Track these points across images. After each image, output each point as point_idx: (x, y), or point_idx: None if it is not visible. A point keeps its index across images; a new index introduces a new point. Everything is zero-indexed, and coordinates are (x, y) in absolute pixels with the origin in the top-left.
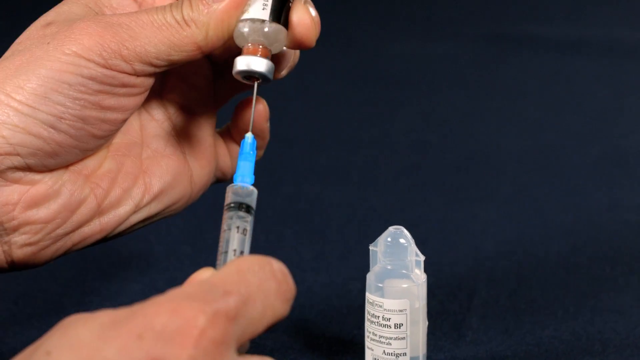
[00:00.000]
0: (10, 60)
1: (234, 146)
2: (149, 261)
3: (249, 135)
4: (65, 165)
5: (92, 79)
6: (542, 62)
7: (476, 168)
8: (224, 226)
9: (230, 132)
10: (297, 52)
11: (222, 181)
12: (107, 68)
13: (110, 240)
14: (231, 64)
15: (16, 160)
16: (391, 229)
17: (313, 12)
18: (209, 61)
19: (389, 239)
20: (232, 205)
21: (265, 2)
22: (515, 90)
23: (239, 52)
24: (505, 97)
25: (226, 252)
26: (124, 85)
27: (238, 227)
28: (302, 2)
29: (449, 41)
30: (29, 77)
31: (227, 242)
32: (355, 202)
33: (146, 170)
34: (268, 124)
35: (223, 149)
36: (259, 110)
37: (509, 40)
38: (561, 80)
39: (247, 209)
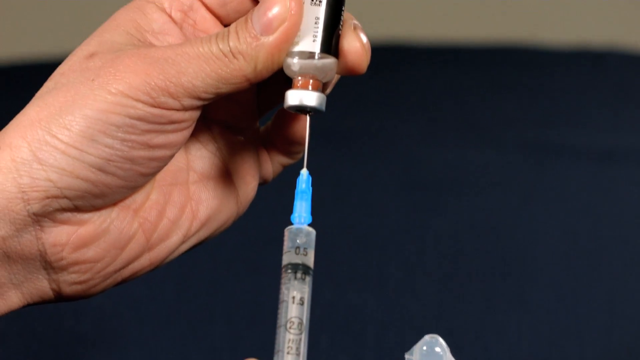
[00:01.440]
0: (53, 96)
1: (275, 151)
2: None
3: (304, 172)
4: (113, 203)
5: (139, 119)
6: (579, 170)
7: (512, 274)
8: (281, 295)
9: (272, 138)
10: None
11: (263, 184)
12: (154, 106)
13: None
14: (277, 75)
15: (64, 203)
16: (427, 337)
17: (364, 38)
18: None
19: (425, 348)
20: (289, 268)
21: (315, 33)
22: (552, 198)
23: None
24: (543, 204)
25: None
26: (172, 122)
27: (294, 298)
28: (352, 28)
29: (488, 148)
30: (75, 117)
31: (284, 315)
32: (392, 309)
33: (192, 197)
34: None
35: (264, 155)
36: (298, 119)
37: (547, 148)
38: (598, 189)
39: (305, 270)
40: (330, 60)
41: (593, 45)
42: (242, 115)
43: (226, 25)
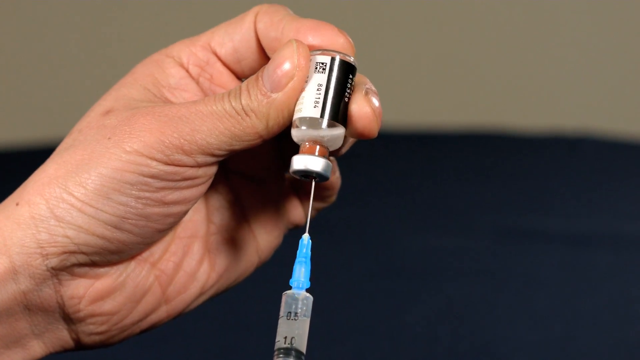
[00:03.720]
0: (71, 154)
1: (306, 196)
2: None
3: (305, 237)
4: (130, 257)
5: (153, 177)
6: (554, 255)
7: None
8: None
9: (302, 183)
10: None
11: (295, 229)
12: (169, 164)
13: None
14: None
15: (81, 258)
16: None
17: (375, 102)
18: None
19: None
20: (281, 352)
21: (319, 100)
22: (527, 282)
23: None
24: (516, 289)
25: None
26: (186, 179)
27: None
28: (364, 93)
29: (463, 234)
30: (90, 175)
31: None
32: None
33: (211, 249)
34: (336, 175)
35: (294, 201)
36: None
37: (521, 233)
38: (571, 273)
39: (297, 355)
40: (336, 127)
41: (566, 131)
42: (262, 165)
43: (241, 79)
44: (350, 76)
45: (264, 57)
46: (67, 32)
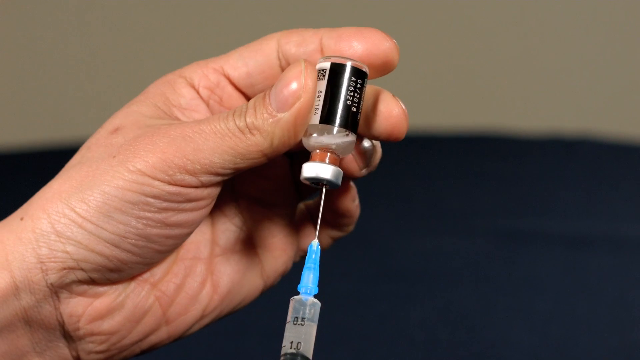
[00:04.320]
0: (76, 170)
1: (323, 224)
2: None
3: (314, 243)
4: (131, 277)
5: (155, 197)
6: (552, 257)
7: None
8: None
9: (317, 210)
10: (379, 149)
11: None
12: (172, 184)
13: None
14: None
15: (80, 275)
16: None
17: (403, 105)
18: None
19: None
20: (287, 356)
21: (319, 105)
22: (526, 285)
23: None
24: (517, 291)
25: None
26: (189, 200)
27: None
28: (392, 96)
29: (461, 236)
30: (92, 192)
31: None
32: None
33: (214, 271)
34: (355, 203)
35: (308, 228)
36: (345, 191)
37: (519, 235)
38: (572, 275)
39: None
40: (347, 134)
41: (565, 133)
42: (273, 190)
43: None
44: (354, 79)
45: None
46: (75, 36)
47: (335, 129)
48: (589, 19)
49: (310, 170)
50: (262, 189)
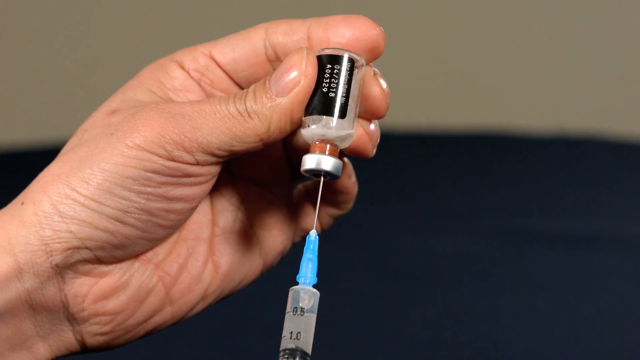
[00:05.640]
0: (74, 152)
1: (322, 204)
2: None
3: (312, 233)
4: (135, 255)
5: (155, 172)
6: (556, 257)
7: None
8: None
9: (316, 190)
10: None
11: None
12: (170, 160)
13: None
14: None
15: (85, 254)
16: None
17: (383, 83)
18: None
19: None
20: (286, 352)
21: (333, 101)
22: (529, 284)
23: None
24: (520, 290)
25: None
26: (188, 176)
27: None
28: (372, 74)
29: (464, 236)
30: (93, 171)
31: None
32: None
33: (214, 251)
34: (352, 180)
35: (307, 208)
36: (346, 171)
37: (523, 234)
38: (574, 275)
39: (302, 356)
40: (346, 125)
41: (570, 132)
42: (271, 171)
43: (240, 88)
44: (352, 70)
45: (262, 73)
46: (73, 33)
47: (335, 120)
48: (594, 17)
49: (311, 161)
50: (257, 169)
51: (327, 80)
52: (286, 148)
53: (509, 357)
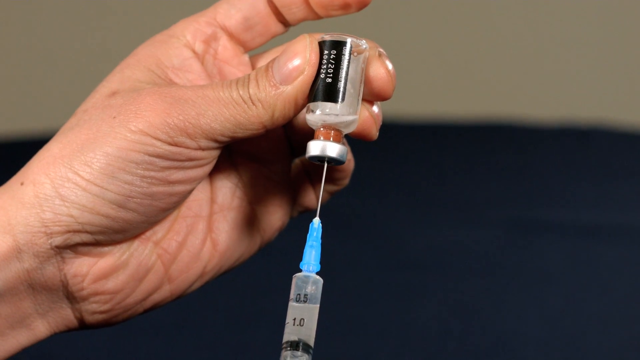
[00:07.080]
0: (76, 133)
1: (317, 178)
2: None
3: (316, 221)
4: (134, 236)
5: (158, 156)
6: (565, 248)
7: (499, 355)
8: None
9: (314, 167)
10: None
11: (306, 212)
12: (172, 145)
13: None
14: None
15: (85, 237)
16: None
17: (389, 65)
18: None
19: None
20: (287, 344)
21: (337, 86)
22: (538, 276)
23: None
24: (528, 282)
25: None
26: (190, 159)
27: None
28: (377, 56)
29: (474, 227)
30: (96, 154)
31: None
32: None
33: (213, 228)
34: (348, 157)
35: (305, 185)
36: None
37: (532, 225)
38: (583, 266)
39: (305, 348)
40: (350, 112)
41: (578, 122)
42: (267, 147)
43: (248, 50)
44: (359, 56)
45: (275, 19)
46: (67, 22)
47: (339, 106)
48: (603, 6)
49: (316, 148)
50: (256, 146)
51: (331, 67)
52: (285, 125)
53: (517, 348)
